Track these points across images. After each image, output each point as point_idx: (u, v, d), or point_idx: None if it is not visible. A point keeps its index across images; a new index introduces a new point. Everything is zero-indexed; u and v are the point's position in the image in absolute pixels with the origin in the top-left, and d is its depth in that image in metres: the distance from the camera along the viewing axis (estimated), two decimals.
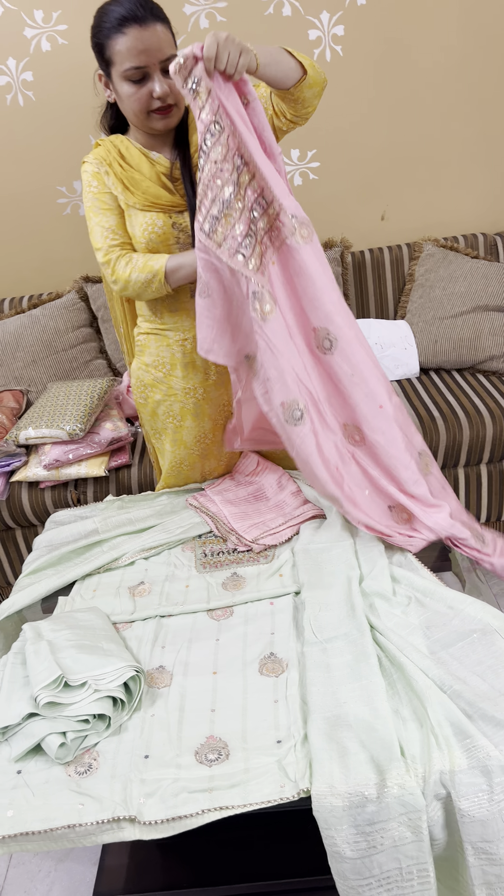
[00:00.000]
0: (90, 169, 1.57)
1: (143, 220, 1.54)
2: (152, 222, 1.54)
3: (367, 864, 0.98)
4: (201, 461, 1.82)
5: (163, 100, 1.44)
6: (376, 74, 2.56)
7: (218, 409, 1.75)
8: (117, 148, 1.57)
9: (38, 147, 2.62)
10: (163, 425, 1.77)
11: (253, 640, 1.30)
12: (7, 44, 2.45)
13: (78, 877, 1.56)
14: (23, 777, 1.07)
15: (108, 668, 1.17)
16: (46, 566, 1.60)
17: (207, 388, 1.71)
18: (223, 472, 1.87)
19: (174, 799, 1.01)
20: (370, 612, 1.29)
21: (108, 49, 1.41)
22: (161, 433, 1.79)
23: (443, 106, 2.63)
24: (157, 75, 1.42)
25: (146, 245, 1.56)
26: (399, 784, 0.97)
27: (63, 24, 2.42)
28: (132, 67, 1.40)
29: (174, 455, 1.80)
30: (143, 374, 1.74)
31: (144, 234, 1.54)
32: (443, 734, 1.02)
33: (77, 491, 2.27)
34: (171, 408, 1.73)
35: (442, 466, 2.31)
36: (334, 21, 2.48)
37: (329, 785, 0.99)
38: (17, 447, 2.32)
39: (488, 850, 0.97)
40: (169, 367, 1.69)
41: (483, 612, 1.24)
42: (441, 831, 1.00)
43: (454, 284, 2.58)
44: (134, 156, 1.56)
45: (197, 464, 1.82)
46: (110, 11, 1.40)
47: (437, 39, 2.52)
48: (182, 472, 1.83)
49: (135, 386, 1.78)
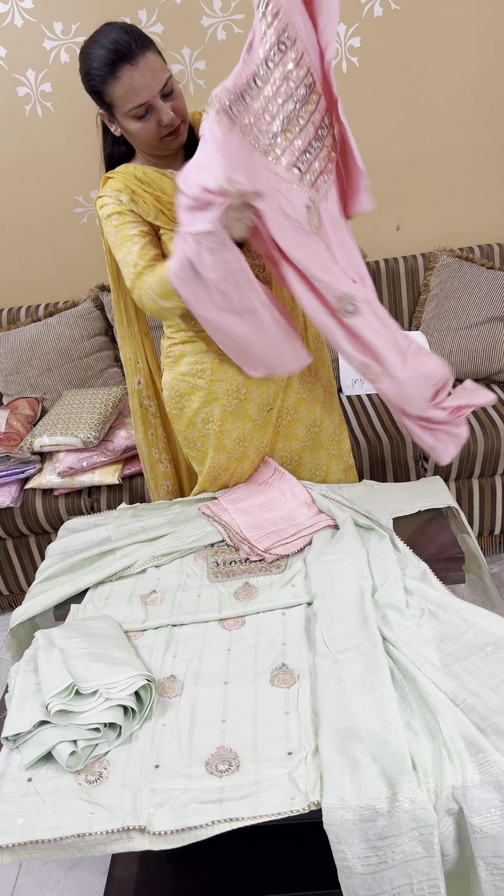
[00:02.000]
0: (110, 202, 1.54)
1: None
2: None
3: (377, 879, 0.97)
4: (238, 464, 1.82)
5: (171, 125, 1.45)
6: (392, 85, 2.57)
7: (259, 407, 1.74)
8: (133, 174, 1.55)
9: (55, 157, 2.64)
10: (202, 433, 1.76)
11: (264, 650, 1.30)
12: (27, 55, 2.48)
13: (87, 886, 1.56)
14: (33, 785, 1.07)
15: (120, 676, 1.17)
16: (59, 573, 1.61)
17: (250, 388, 1.71)
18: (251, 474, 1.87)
19: (184, 810, 1.00)
20: (383, 624, 1.28)
21: (107, 95, 1.42)
22: (199, 441, 1.78)
23: (459, 117, 2.63)
24: (159, 104, 1.42)
25: None
26: (411, 798, 0.96)
27: (82, 36, 2.44)
28: (135, 107, 1.41)
29: (214, 461, 1.79)
30: (178, 383, 1.72)
31: None
32: (455, 748, 1.01)
33: (91, 498, 2.28)
34: (212, 413, 1.72)
35: (456, 478, 2.30)
36: (351, 32, 2.49)
37: (340, 798, 0.98)
38: (32, 454, 2.34)
39: (501, 865, 0.96)
40: (210, 372, 1.69)
41: (497, 626, 1.23)
42: (452, 847, 0.99)
43: (469, 295, 2.58)
44: (154, 179, 1.55)
45: (234, 468, 1.82)
46: (94, 56, 1.39)
47: (453, 51, 2.52)
48: (220, 476, 1.83)
49: (169, 398, 1.76)
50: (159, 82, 1.40)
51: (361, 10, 2.45)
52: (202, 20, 2.44)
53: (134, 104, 1.41)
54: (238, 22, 2.44)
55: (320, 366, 1.83)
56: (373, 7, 2.45)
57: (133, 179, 1.54)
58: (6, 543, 2.38)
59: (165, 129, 1.46)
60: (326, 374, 1.86)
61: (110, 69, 1.37)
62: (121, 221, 1.54)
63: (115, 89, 1.40)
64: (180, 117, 1.47)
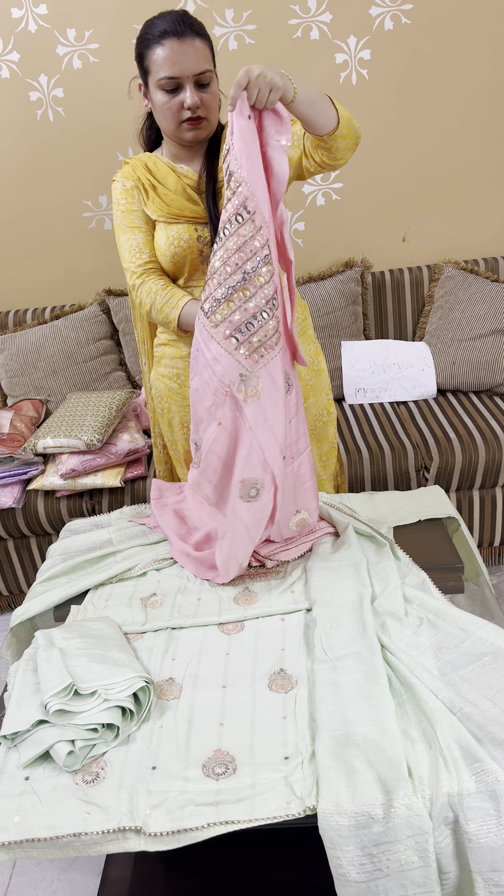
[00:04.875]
0: (119, 186, 1.62)
1: (169, 233, 1.59)
2: (178, 235, 1.58)
3: (372, 888, 0.97)
4: None
5: (193, 111, 1.48)
6: (401, 98, 2.59)
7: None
8: (144, 163, 1.62)
9: (65, 161, 2.66)
10: (178, 436, 1.79)
11: (263, 655, 1.30)
12: (40, 60, 2.50)
13: (81, 887, 1.55)
14: (30, 783, 1.08)
15: (119, 677, 1.18)
16: (60, 574, 1.61)
17: None
18: None
19: (180, 811, 1.00)
20: (381, 632, 1.29)
21: (147, 58, 1.48)
22: (177, 444, 1.81)
23: (466, 130, 2.65)
24: (189, 87, 1.47)
25: (171, 258, 1.60)
26: (406, 805, 0.96)
27: (95, 43, 2.47)
28: (165, 77, 1.46)
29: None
30: (159, 383, 1.77)
31: (170, 247, 1.58)
32: (451, 756, 1.01)
33: (92, 501, 2.28)
34: (185, 419, 1.75)
35: (457, 488, 2.30)
36: (361, 45, 2.51)
37: (336, 803, 0.98)
38: (35, 456, 2.35)
39: (498, 881, 0.96)
40: (183, 377, 1.71)
41: (495, 636, 1.23)
42: (451, 862, 0.98)
43: (473, 307, 2.59)
44: (160, 169, 1.60)
45: None
46: (155, 24, 1.47)
47: (462, 65, 2.54)
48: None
49: (155, 396, 1.80)
50: (197, 67, 1.45)
51: (372, 24, 2.47)
52: (215, 30, 2.46)
53: (165, 74, 1.45)
54: (250, 32, 2.46)
55: (310, 393, 1.81)
56: (383, 20, 2.47)
57: (142, 168, 1.61)
58: (7, 544, 2.38)
59: (187, 112, 1.49)
60: (318, 403, 1.85)
61: (159, 37, 1.45)
62: (125, 208, 1.62)
63: (155, 54, 1.45)
64: (205, 111, 1.50)
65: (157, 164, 1.61)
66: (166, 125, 1.54)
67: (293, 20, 2.46)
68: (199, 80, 1.47)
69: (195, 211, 1.58)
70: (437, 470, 2.26)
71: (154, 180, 1.60)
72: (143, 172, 1.60)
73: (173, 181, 1.59)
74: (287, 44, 2.49)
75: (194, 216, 1.58)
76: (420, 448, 2.28)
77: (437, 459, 2.25)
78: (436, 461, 2.25)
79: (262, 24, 2.44)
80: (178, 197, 1.58)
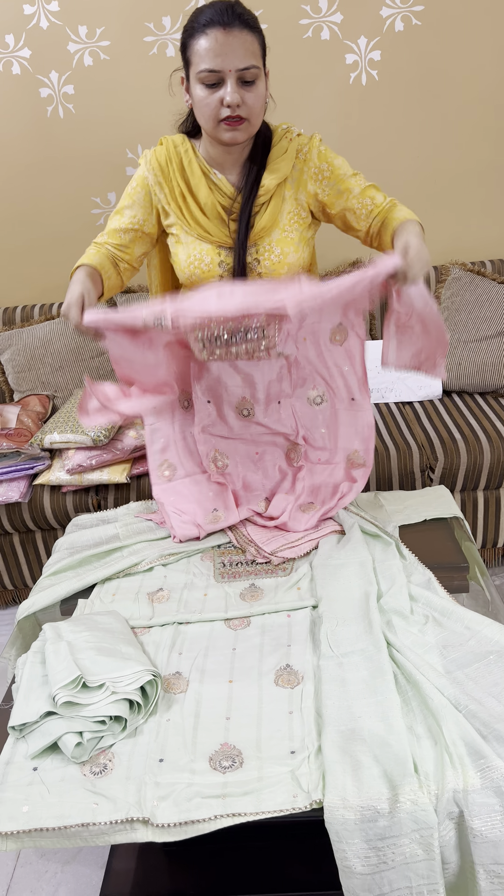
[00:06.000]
0: (142, 170, 1.53)
1: (192, 252, 1.51)
2: (199, 258, 1.51)
3: (377, 880, 0.99)
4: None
5: (233, 109, 1.36)
6: (410, 99, 2.60)
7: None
8: (180, 159, 1.50)
9: (75, 158, 2.67)
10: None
11: (269, 651, 1.31)
12: (51, 57, 2.51)
13: (84, 879, 1.56)
14: (39, 774, 1.09)
15: (126, 671, 1.19)
16: (67, 568, 1.62)
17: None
18: None
19: (188, 803, 1.02)
20: (387, 629, 1.30)
21: (190, 49, 1.37)
22: None
23: (475, 132, 2.66)
24: (231, 83, 1.34)
25: (188, 277, 1.54)
26: (412, 800, 0.97)
27: (106, 41, 2.48)
28: (206, 70, 1.34)
29: None
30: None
31: (189, 266, 1.51)
32: (457, 753, 1.02)
33: (98, 497, 2.29)
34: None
35: (461, 489, 2.31)
36: (371, 46, 2.52)
37: (342, 797, 0.99)
38: (42, 451, 2.36)
39: (500, 873, 0.97)
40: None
41: (500, 635, 1.24)
42: (453, 853, 1.00)
43: (480, 309, 2.60)
44: (195, 173, 1.49)
45: None
46: (202, 13, 1.36)
47: (472, 66, 2.55)
48: None
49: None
50: (242, 62, 1.33)
51: (383, 25, 2.48)
52: None
53: (206, 66, 1.34)
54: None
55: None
56: (394, 21, 2.48)
57: (177, 165, 1.50)
58: (13, 538, 2.39)
59: (226, 110, 1.36)
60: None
61: (205, 26, 1.34)
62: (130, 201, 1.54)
63: (198, 44, 1.34)
64: (247, 111, 1.38)
65: (193, 164, 1.49)
66: (204, 122, 1.41)
67: (304, 20, 2.47)
68: (243, 77, 1.34)
69: (223, 234, 1.49)
70: (441, 470, 2.26)
71: (186, 189, 1.49)
72: (177, 174, 1.49)
73: (205, 194, 1.48)
74: (297, 44, 2.50)
75: (219, 241, 1.50)
76: (425, 448, 2.29)
77: (443, 460, 2.25)
78: (441, 462, 2.26)
79: (273, 24, 2.44)
80: (205, 217, 1.49)
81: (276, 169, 1.48)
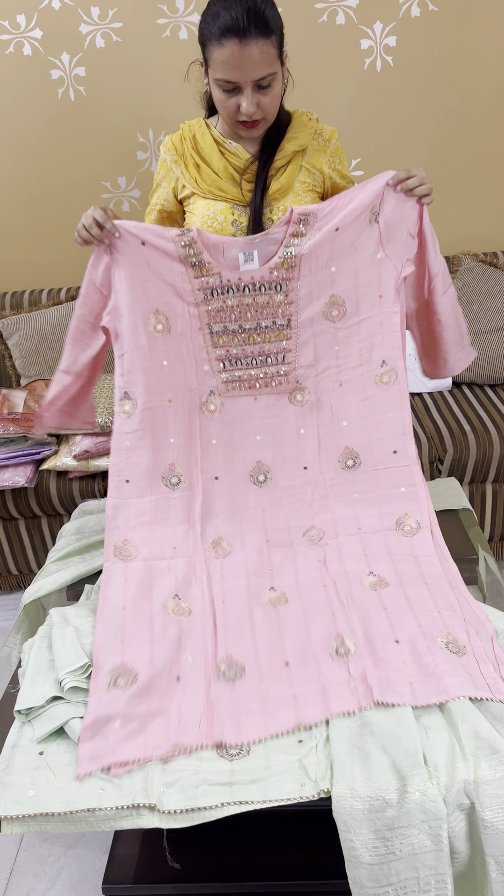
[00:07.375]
0: (162, 155, 1.60)
1: (206, 211, 1.55)
2: (213, 216, 1.54)
3: (384, 870, 0.98)
4: None
5: (248, 116, 1.41)
6: (425, 86, 2.57)
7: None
8: (193, 134, 1.55)
9: (85, 141, 2.65)
10: None
11: None
12: (63, 39, 2.48)
13: (87, 864, 1.56)
14: (45, 758, 1.08)
15: None
16: (74, 554, 1.62)
17: None
18: None
19: (194, 790, 1.01)
20: None
21: (207, 50, 1.39)
22: None
23: (489, 121, 2.62)
24: (247, 90, 1.38)
25: None
26: (421, 790, 0.96)
27: (118, 22, 2.45)
28: (223, 80, 1.38)
29: None
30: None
31: (203, 226, 1.54)
32: (469, 746, 1.01)
33: (104, 483, 2.28)
34: None
35: (470, 481, 2.30)
36: (387, 32, 2.48)
37: (350, 787, 0.99)
38: (49, 436, 2.35)
39: None
40: None
41: None
42: (463, 844, 0.99)
43: (492, 300, 2.57)
44: (207, 144, 1.54)
45: None
46: (219, 15, 1.34)
47: (488, 53, 2.51)
48: None
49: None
50: (258, 72, 1.36)
51: (399, 10, 2.44)
52: None
53: (223, 77, 1.37)
54: None
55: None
56: (410, 7, 2.44)
57: (190, 141, 1.55)
58: (18, 524, 2.39)
59: (242, 115, 1.41)
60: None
61: (220, 34, 1.33)
62: (156, 179, 1.63)
63: (215, 53, 1.36)
64: (262, 113, 1.42)
65: (206, 137, 1.54)
66: (223, 117, 1.47)
67: (319, 4, 2.43)
68: (260, 84, 1.38)
69: (234, 193, 1.53)
70: (451, 462, 2.25)
71: (198, 158, 1.54)
72: (189, 147, 1.54)
73: (217, 159, 1.53)
74: (312, 28, 2.47)
75: (233, 198, 1.53)
76: (434, 440, 2.27)
77: (452, 451, 2.24)
78: (450, 453, 2.24)
79: (287, 8, 2.41)
80: (218, 178, 1.53)
81: (295, 137, 1.53)
